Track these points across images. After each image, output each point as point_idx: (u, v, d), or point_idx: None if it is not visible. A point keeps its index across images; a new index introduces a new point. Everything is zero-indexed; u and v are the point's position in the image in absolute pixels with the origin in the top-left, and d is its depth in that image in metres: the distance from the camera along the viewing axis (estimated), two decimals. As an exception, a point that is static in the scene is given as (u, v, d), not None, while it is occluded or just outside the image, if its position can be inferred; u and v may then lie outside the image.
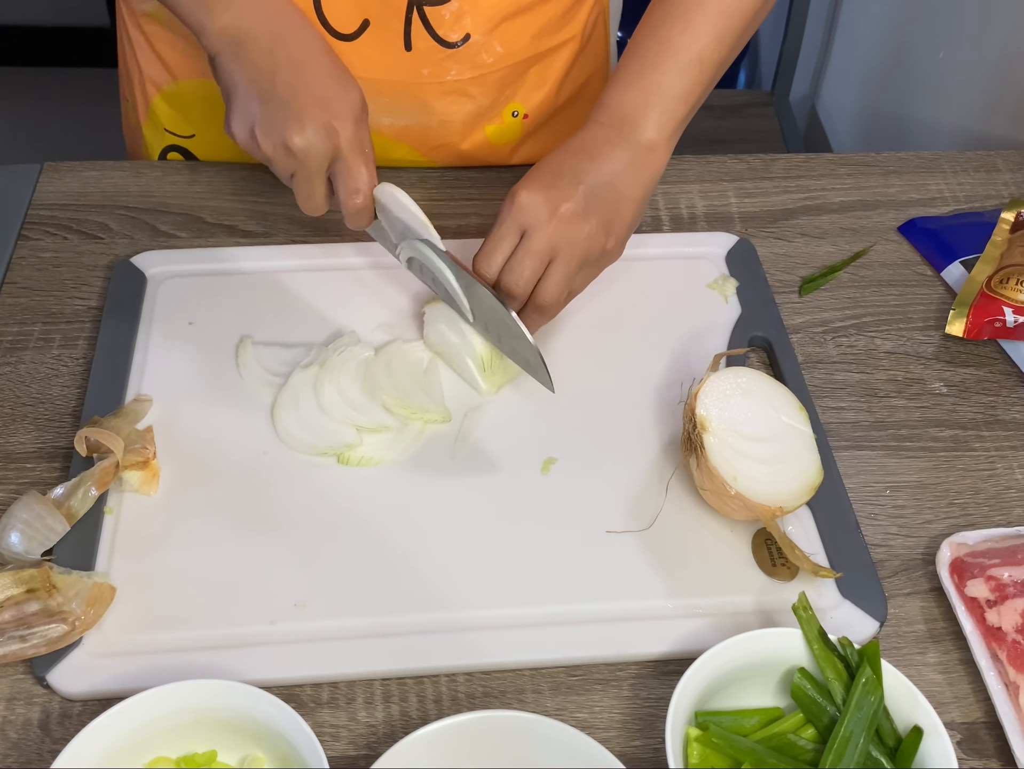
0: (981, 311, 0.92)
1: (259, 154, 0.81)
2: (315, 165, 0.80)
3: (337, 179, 0.81)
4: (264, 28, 0.81)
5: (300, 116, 0.78)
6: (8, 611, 0.69)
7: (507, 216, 0.80)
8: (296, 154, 0.79)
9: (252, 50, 0.81)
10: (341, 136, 0.79)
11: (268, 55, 0.81)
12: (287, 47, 0.81)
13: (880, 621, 0.74)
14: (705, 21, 0.84)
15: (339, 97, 0.80)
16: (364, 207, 0.81)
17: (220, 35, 0.81)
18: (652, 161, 0.84)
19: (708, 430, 0.76)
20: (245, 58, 0.81)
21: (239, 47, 0.81)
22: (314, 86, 0.80)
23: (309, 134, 0.78)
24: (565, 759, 0.62)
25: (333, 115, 0.79)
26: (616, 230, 0.82)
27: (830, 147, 2.12)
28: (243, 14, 0.81)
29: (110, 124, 1.17)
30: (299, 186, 0.82)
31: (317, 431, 0.83)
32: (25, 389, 0.87)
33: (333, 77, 0.82)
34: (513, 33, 0.97)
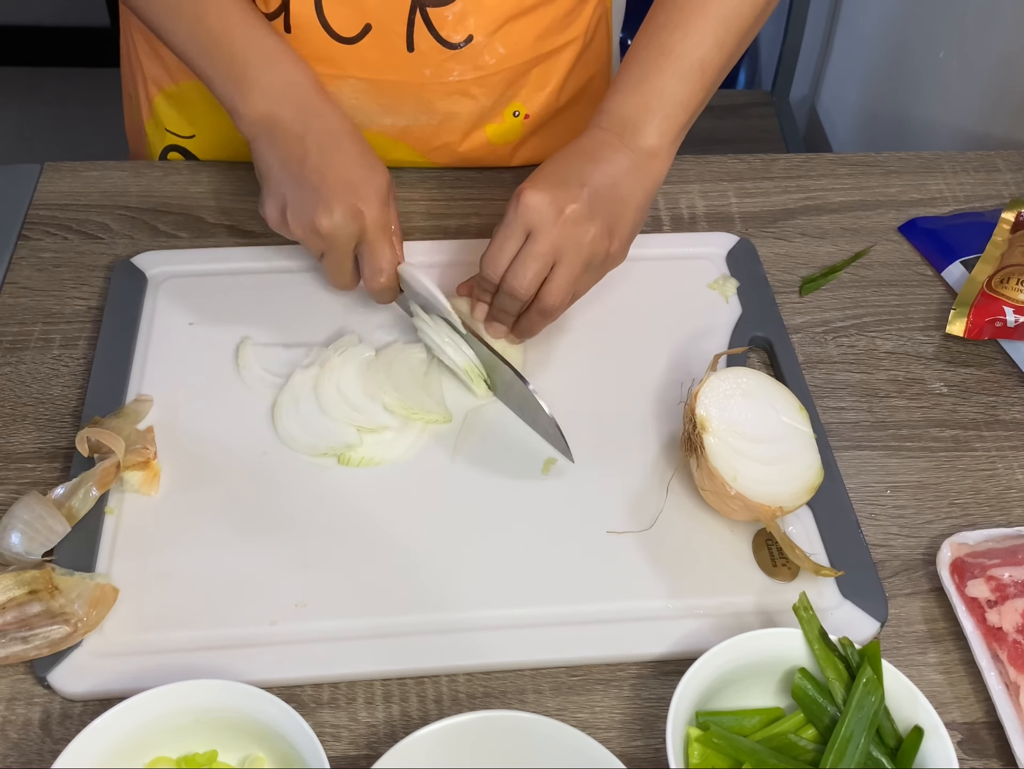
0: (982, 311, 0.92)
1: (290, 235, 0.85)
2: (342, 246, 0.83)
3: (363, 259, 0.85)
4: (295, 116, 0.85)
5: (328, 200, 0.82)
6: (10, 612, 0.69)
7: (512, 217, 0.81)
8: (324, 236, 0.82)
9: (284, 137, 0.84)
10: (367, 218, 0.83)
11: (299, 142, 0.84)
12: (317, 134, 0.85)
13: (881, 621, 0.74)
14: (706, 27, 0.84)
15: (365, 181, 0.84)
16: (388, 285, 0.86)
17: (255, 122, 0.85)
18: (654, 166, 0.84)
19: (708, 430, 0.76)
20: (278, 144, 0.85)
21: (272, 134, 0.85)
22: (341, 171, 0.83)
23: (336, 217, 0.82)
24: (565, 759, 0.62)
25: (359, 198, 0.82)
26: (619, 233, 0.82)
27: (830, 147, 2.12)
28: (275, 102, 0.85)
29: (110, 124, 1.18)
30: (328, 265, 0.86)
31: (317, 432, 0.83)
32: (25, 389, 0.87)
33: (359, 162, 0.85)
34: (516, 34, 0.97)
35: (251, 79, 0.85)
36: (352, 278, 0.87)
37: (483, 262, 0.82)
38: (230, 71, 0.86)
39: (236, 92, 0.86)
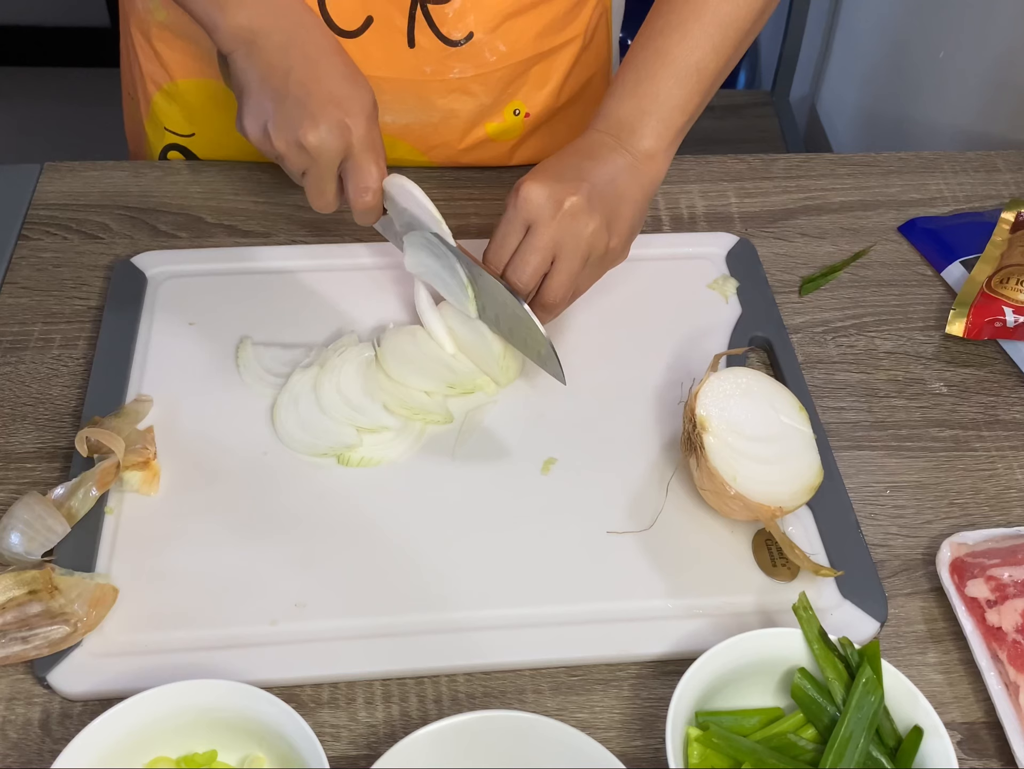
0: (981, 311, 0.92)
1: (271, 151, 0.82)
2: (327, 162, 0.81)
3: (348, 177, 0.82)
4: (277, 27, 0.82)
5: (314, 114, 0.79)
6: (10, 612, 0.69)
7: (512, 211, 0.81)
8: (309, 151, 0.80)
9: (266, 49, 0.81)
10: (354, 134, 0.80)
11: (282, 54, 0.81)
12: (301, 46, 0.82)
13: (880, 621, 0.74)
14: (702, 31, 0.84)
15: (352, 96, 0.81)
16: (373, 204, 0.83)
17: (234, 34, 0.82)
18: (651, 168, 0.84)
19: (708, 430, 0.76)
20: (258, 57, 0.81)
21: (252, 46, 0.81)
22: (327, 85, 0.81)
23: (323, 132, 0.79)
24: (565, 759, 0.62)
25: (346, 113, 0.80)
26: (618, 229, 0.82)
27: (830, 147, 2.12)
28: (257, 13, 0.82)
29: (110, 124, 1.18)
30: (310, 183, 0.83)
31: (317, 432, 0.83)
32: (25, 389, 0.87)
33: (346, 76, 0.82)
34: (516, 32, 0.97)
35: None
36: (334, 198, 0.84)
37: (485, 256, 0.83)
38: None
39: (215, 6, 0.82)
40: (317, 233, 1.00)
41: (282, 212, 1.02)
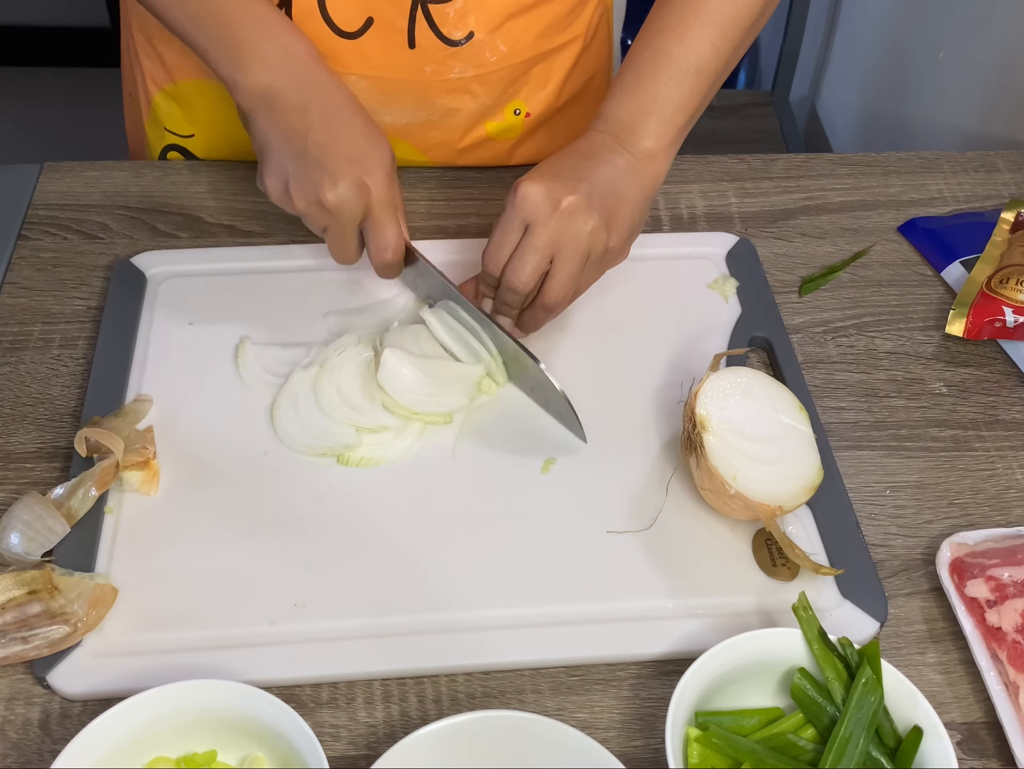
0: (981, 311, 0.92)
1: (293, 209, 0.84)
2: (347, 220, 0.82)
3: (368, 235, 0.84)
4: (297, 87, 0.84)
5: (333, 173, 0.81)
6: (10, 612, 0.69)
7: (511, 211, 0.81)
8: (329, 210, 0.81)
9: (285, 108, 0.83)
10: (373, 193, 0.82)
11: (300, 114, 0.83)
12: (320, 106, 0.83)
13: (880, 621, 0.74)
14: (701, 31, 0.84)
15: (370, 155, 0.83)
16: (393, 261, 0.85)
17: (254, 94, 0.84)
18: (651, 168, 0.84)
19: (708, 430, 0.76)
20: (278, 116, 0.83)
21: (272, 106, 0.83)
22: (346, 144, 0.82)
23: (342, 191, 0.81)
24: (565, 759, 0.62)
25: (365, 172, 0.81)
26: (617, 228, 0.82)
27: (830, 147, 2.12)
28: (277, 74, 0.83)
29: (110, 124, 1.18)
30: (331, 240, 0.85)
31: (316, 432, 0.83)
32: (25, 389, 0.87)
33: (364, 135, 0.84)
34: (517, 32, 0.97)
35: (249, 50, 0.84)
36: (356, 252, 0.86)
37: (484, 257, 0.83)
38: (227, 43, 0.84)
39: (234, 64, 0.84)
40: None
41: (282, 212, 1.01)
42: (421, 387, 0.83)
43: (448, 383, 0.84)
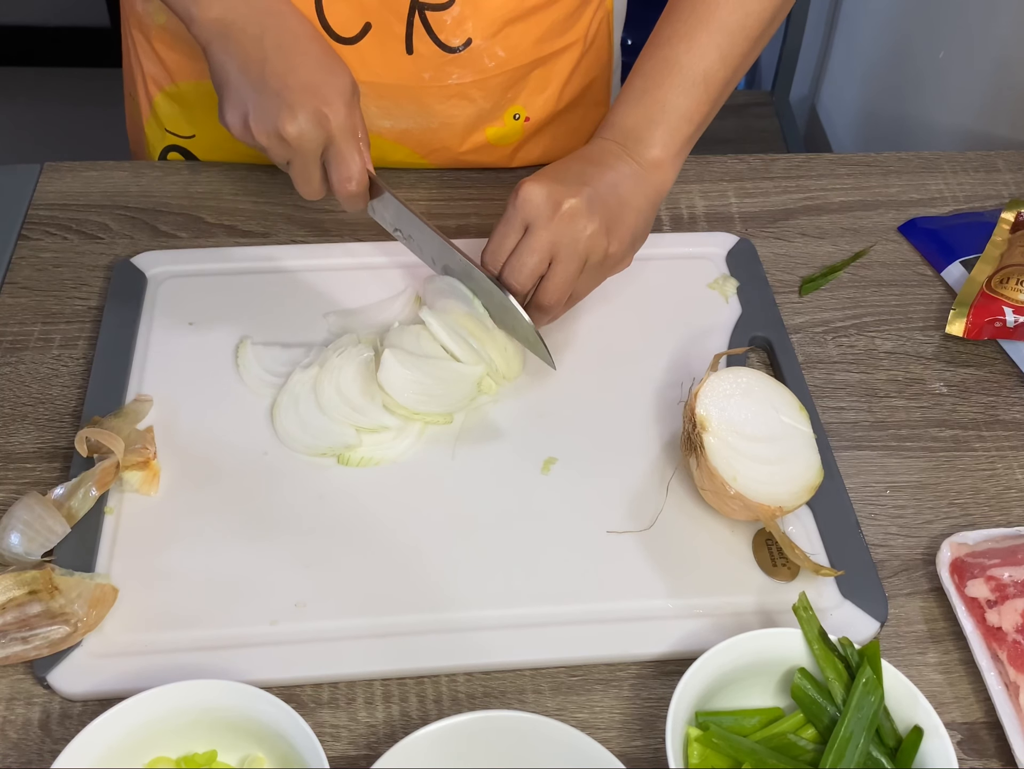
0: (981, 311, 0.92)
1: (253, 143, 0.82)
2: (309, 152, 0.81)
3: (330, 166, 0.82)
4: (252, 17, 0.82)
5: (291, 104, 0.79)
6: (10, 613, 0.69)
7: (512, 211, 0.81)
8: (290, 142, 0.80)
9: (241, 40, 0.82)
10: (333, 123, 0.80)
11: (257, 44, 0.81)
12: (275, 35, 0.82)
13: (881, 621, 0.74)
14: (709, 40, 0.84)
15: (329, 83, 0.81)
16: (357, 192, 0.83)
17: (209, 26, 0.82)
18: (657, 177, 0.85)
19: (708, 430, 0.76)
20: (235, 48, 0.82)
21: (228, 38, 0.82)
22: (304, 73, 0.81)
23: (301, 122, 0.79)
24: (565, 759, 0.62)
25: (324, 102, 0.80)
26: (619, 234, 0.82)
27: (830, 147, 2.12)
28: (230, 5, 0.82)
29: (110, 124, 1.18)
30: (295, 172, 0.83)
31: (317, 432, 0.83)
32: (25, 389, 0.87)
33: (322, 64, 0.82)
34: (515, 38, 0.97)
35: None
36: (320, 185, 0.84)
37: (484, 256, 0.83)
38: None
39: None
40: (317, 233, 1.00)
41: (282, 212, 1.02)
42: (421, 387, 0.83)
43: (448, 383, 0.84)
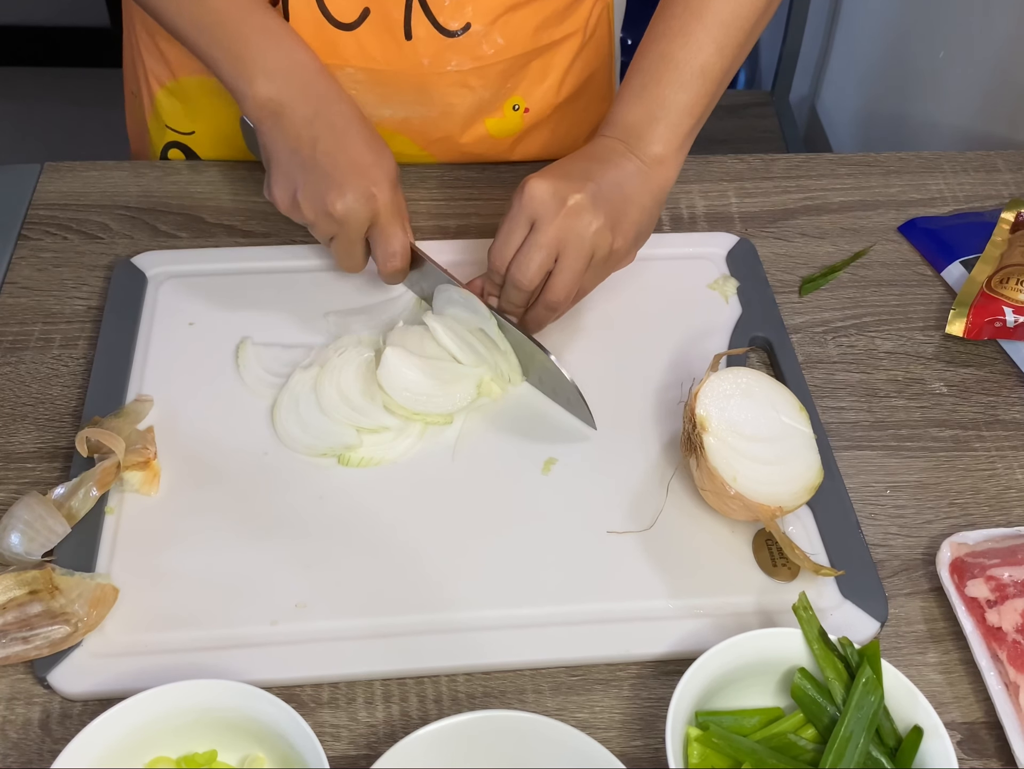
0: (981, 311, 0.92)
1: (301, 219, 0.85)
2: (355, 229, 0.84)
3: (375, 243, 0.86)
4: (304, 99, 0.85)
5: (341, 184, 0.82)
6: (11, 612, 0.69)
7: (517, 208, 0.82)
8: (337, 219, 0.83)
9: (293, 121, 0.84)
10: (380, 202, 0.84)
11: (307, 126, 0.84)
12: (326, 117, 0.85)
13: (881, 621, 0.74)
14: (705, 33, 0.85)
15: (376, 164, 0.84)
16: (401, 268, 0.87)
17: (262, 104, 0.85)
18: (660, 173, 0.85)
19: (708, 430, 0.76)
20: (286, 128, 0.84)
21: (280, 117, 0.85)
22: (352, 154, 0.84)
23: (349, 200, 0.82)
24: (565, 759, 0.62)
25: (371, 182, 0.83)
26: (623, 230, 0.82)
27: (830, 147, 2.12)
28: (284, 86, 0.85)
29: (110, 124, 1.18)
30: (339, 248, 0.87)
31: (317, 432, 0.83)
32: (25, 389, 0.87)
33: (370, 146, 0.85)
34: (514, 25, 0.97)
35: (256, 61, 0.85)
36: (362, 260, 0.88)
37: (490, 254, 0.83)
38: (233, 53, 0.85)
39: (241, 75, 0.85)
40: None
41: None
42: (420, 387, 0.84)
43: (448, 384, 0.84)
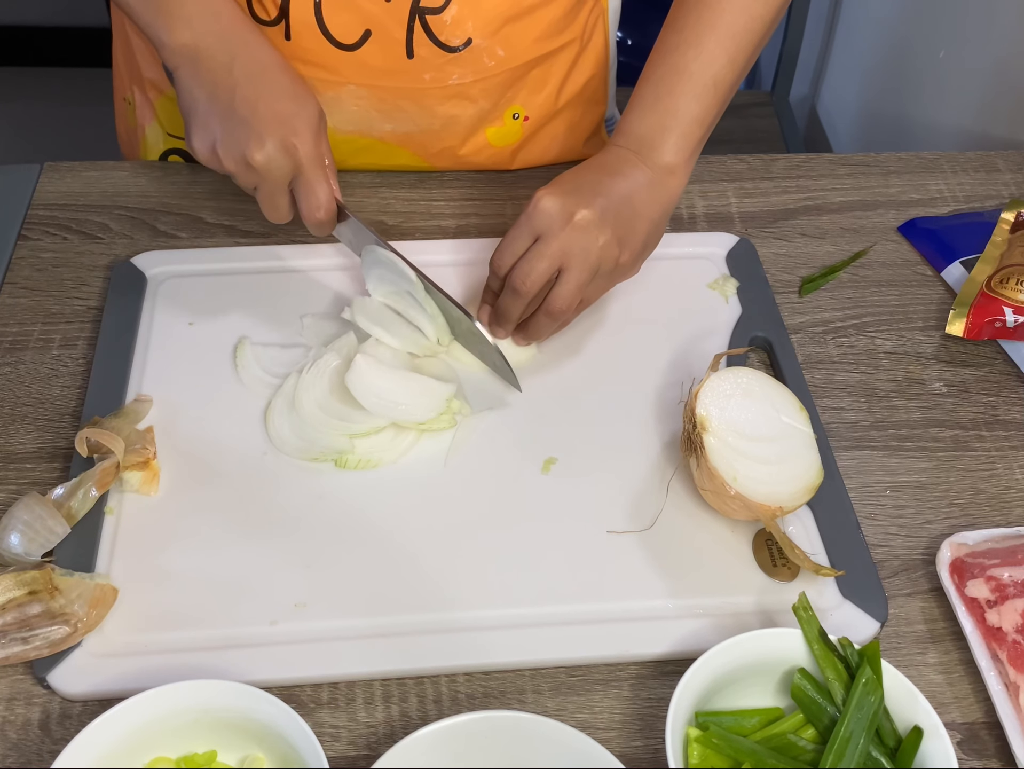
0: (981, 311, 0.92)
1: (221, 169, 0.83)
2: (277, 180, 0.83)
3: (299, 194, 0.84)
4: (221, 46, 0.83)
5: (260, 133, 0.81)
6: (10, 613, 0.69)
7: (524, 219, 0.82)
8: (258, 170, 0.81)
9: (211, 66, 0.83)
10: (301, 152, 0.82)
11: (226, 72, 0.83)
12: (245, 64, 0.83)
13: (881, 621, 0.74)
14: (717, 44, 0.85)
15: (297, 113, 0.83)
16: (325, 220, 0.85)
17: (178, 52, 0.83)
18: (670, 183, 0.85)
19: (708, 430, 0.75)
20: (204, 75, 0.83)
21: (197, 64, 0.83)
22: (272, 102, 0.82)
23: (269, 150, 0.81)
24: (565, 759, 0.62)
25: (292, 131, 0.81)
26: (630, 245, 0.83)
27: (830, 147, 2.12)
28: (202, 32, 0.83)
29: (110, 124, 1.18)
30: (263, 199, 0.85)
31: (309, 436, 0.82)
32: (25, 389, 0.87)
33: (291, 93, 0.84)
34: (514, 36, 0.97)
35: (174, 8, 0.83)
36: (287, 211, 0.86)
37: (492, 259, 0.84)
38: (154, 3, 0.84)
39: (159, 22, 0.83)
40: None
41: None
42: (391, 394, 0.82)
43: (416, 396, 0.83)
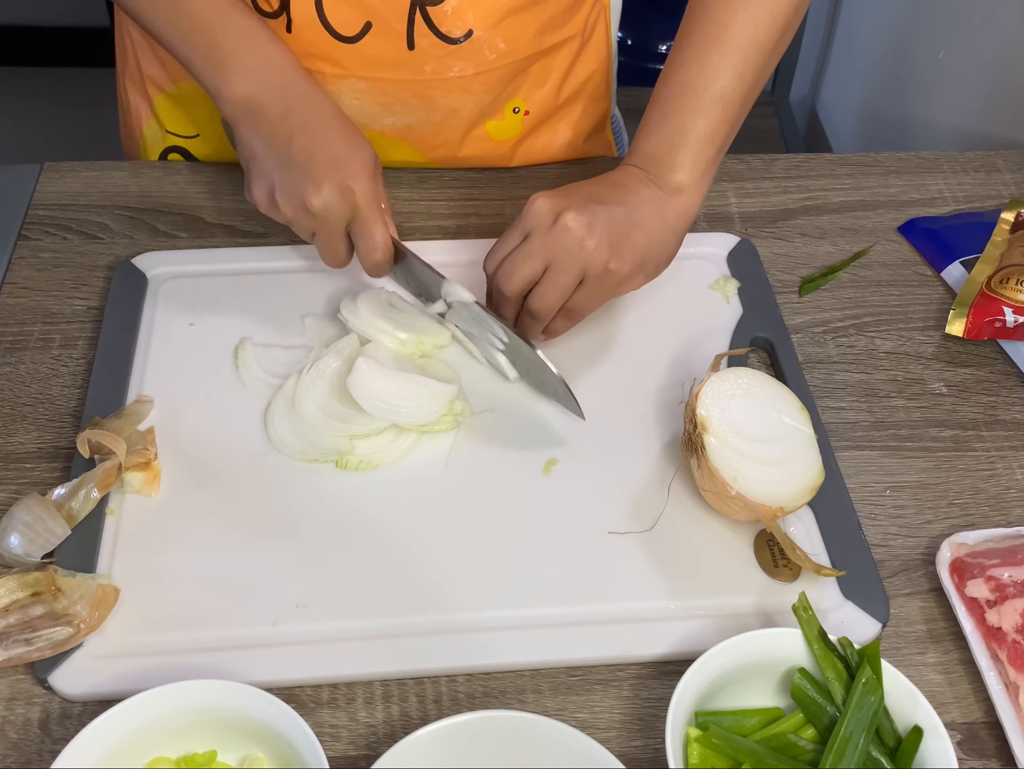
0: (981, 311, 0.92)
1: (280, 217, 0.84)
2: (334, 224, 0.83)
3: (356, 237, 0.85)
4: (279, 97, 0.85)
5: (317, 178, 0.81)
6: (13, 615, 0.69)
7: (516, 221, 0.83)
8: (315, 215, 0.82)
9: (268, 119, 0.84)
10: (357, 195, 0.82)
11: (283, 121, 0.84)
12: (301, 113, 0.85)
13: (882, 622, 0.74)
14: (723, 59, 0.84)
15: (353, 158, 0.84)
16: (382, 262, 0.86)
17: (237, 104, 0.85)
18: (679, 201, 0.85)
19: (709, 431, 0.76)
20: (262, 127, 0.84)
21: (256, 115, 0.84)
22: (328, 149, 0.83)
23: (326, 195, 0.81)
24: (565, 759, 0.62)
25: (348, 175, 0.82)
26: (624, 254, 0.82)
27: (830, 147, 2.12)
28: (258, 84, 0.85)
29: (110, 124, 1.18)
30: (321, 244, 0.86)
31: (309, 438, 0.82)
32: (25, 389, 0.87)
33: (346, 139, 0.85)
34: (516, 29, 0.97)
35: (232, 61, 0.85)
36: (345, 255, 0.87)
37: (485, 262, 0.84)
38: (210, 54, 0.85)
39: (217, 75, 0.85)
40: (317, 233, 1.00)
41: (281, 214, 1.02)
42: (391, 397, 0.82)
43: (418, 399, 0.83)
